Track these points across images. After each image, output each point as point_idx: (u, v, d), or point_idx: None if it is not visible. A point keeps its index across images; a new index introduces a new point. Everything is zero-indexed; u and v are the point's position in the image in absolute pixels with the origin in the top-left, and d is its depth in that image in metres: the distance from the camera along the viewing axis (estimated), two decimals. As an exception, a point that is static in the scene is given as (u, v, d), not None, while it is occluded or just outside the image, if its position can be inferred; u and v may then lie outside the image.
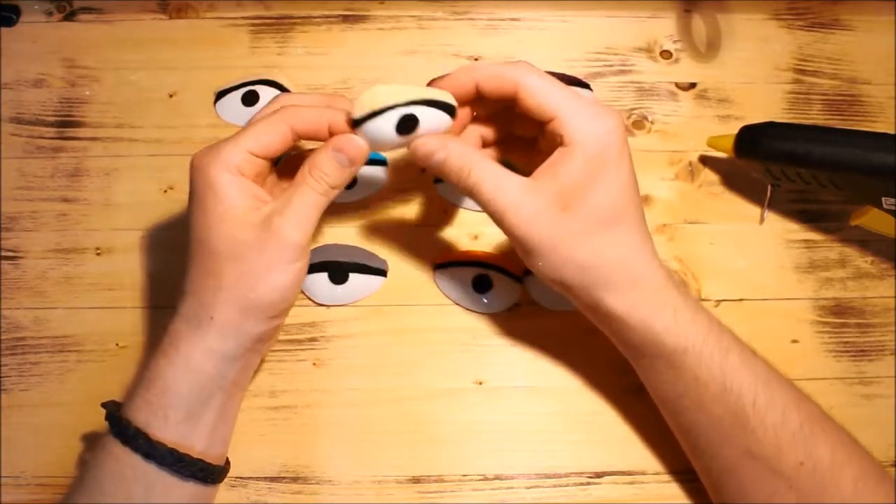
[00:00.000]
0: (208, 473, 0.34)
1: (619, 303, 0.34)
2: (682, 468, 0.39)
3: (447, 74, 0.35)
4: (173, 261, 0.42)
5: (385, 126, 0.33)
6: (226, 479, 0.38)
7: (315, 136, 0.34)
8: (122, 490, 0.32)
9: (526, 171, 0.34)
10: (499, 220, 0.34)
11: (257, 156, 0.34)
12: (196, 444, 0.33)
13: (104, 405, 0.34)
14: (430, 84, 0.35)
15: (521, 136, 0.39)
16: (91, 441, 0.39)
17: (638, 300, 0.34)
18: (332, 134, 0.34)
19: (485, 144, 0.39)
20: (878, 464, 0.35)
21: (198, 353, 0.33)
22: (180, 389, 0.33)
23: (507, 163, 0.36)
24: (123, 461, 0.32)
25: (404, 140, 0.34)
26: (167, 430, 0.32)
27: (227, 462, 0.36)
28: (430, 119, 0.34)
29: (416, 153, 0.35)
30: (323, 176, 0.34)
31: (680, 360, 0.34)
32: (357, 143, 0.34)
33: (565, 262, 0.34)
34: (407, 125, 0.34)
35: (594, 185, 0.33)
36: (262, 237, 0.33)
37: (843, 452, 0.33)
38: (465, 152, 0.34)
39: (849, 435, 0.35)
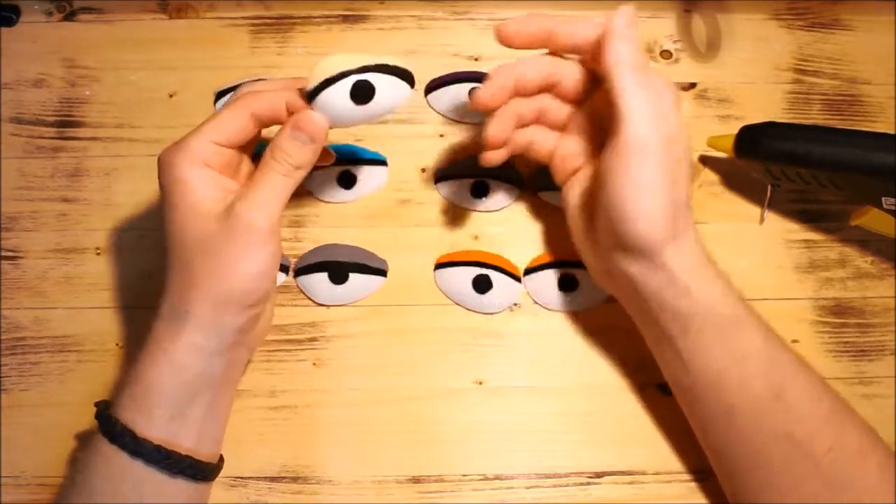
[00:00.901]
0: (198, 471, 0.34)
1: (683, 261, 0.34)
2: (682, 468, 0.39)
3: (511, 22, 0.35)
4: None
5: (338, 96, 0.32)
6: (226, 479, 0.38)
7: (276, 119, 0.34)
8: (112, 489, 0.32)
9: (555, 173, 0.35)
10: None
11: (222, 145, 0.34)
12: (184, 441, 0.33)
13: (96, 404, 0.34)
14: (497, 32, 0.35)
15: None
16: (84, 441, 0.39)
17: (695, 263, 0.34)
18: (290, 114, 0.34)
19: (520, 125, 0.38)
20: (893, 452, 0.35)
21: (179, 349, 0.33)
22: (164, 387, 0.33)
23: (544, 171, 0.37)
24: (112, 460, 0.32)
25: (363, 111, 0.33)
26: (153, 427, 0.32)
27: (221, 460, 0.36)
28: (386, 87, 0.33)
29: (487, 101, 0.36)
30: (284, 156, 0.33)
31: (733, 330, 0.34)
32: (313, 118, 0.33)
33: (663, 210, 0.34)
34: (362, 93, 0.33)
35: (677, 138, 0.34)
36: (226, 225, 0.32)
37: (870, 439, 0.34)
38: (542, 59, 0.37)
39: (867, 423, 0.35)
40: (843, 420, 0.33)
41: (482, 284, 0.42)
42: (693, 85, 0.47)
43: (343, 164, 0.44)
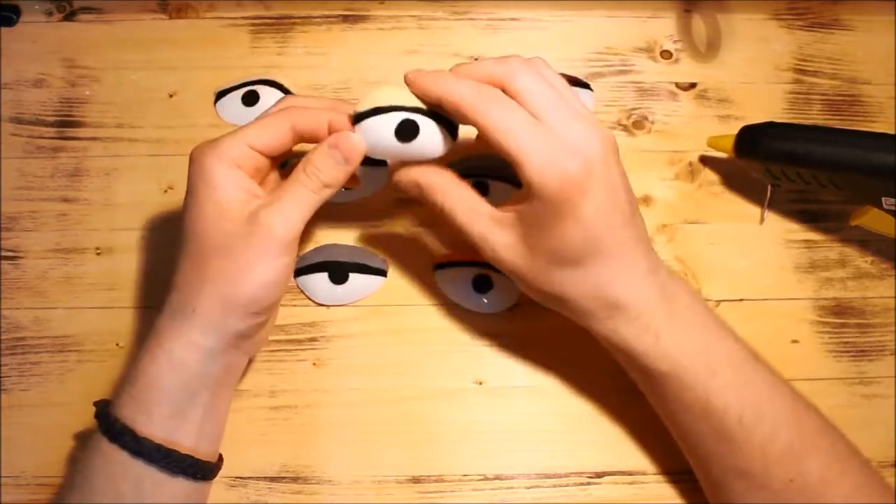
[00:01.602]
0: (198, 470, 0.34)
1: (598, 327, 0.34)
2: (681, 468, 0.39)
3: (422, 72, 0.34)
4: (173, 261, 0.42)
5: (385, 126, 0.33)
6: (226, 479, 0.38)
7: (316, 136, 0.35)
8: (112, 487, 0.32)
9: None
10: (475, 246, 0.35)
11: (257, 150, 0.34)
12: (184, 440, 0.33)
13: (96, 404, 0.34)
14: (405, 75, 0.34)
15: None
16: (83, 440, 0.39)
17: (616, 326, 0.34)
18: (331, 132, 0.34)
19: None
20: (878, 475, 0.35)
21: (180, 346, 0.33)
22: (164, 385, 0.33)
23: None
24: (112, 458, 0.32)
25: (400, 149, 0.34)
26: (153, 426, 0.32)
27: (220, 459, 0.36)
28: (430, 133, 0.34)
29: (397, 184, 0.36)
30: (316, 171, 0.33)
31: (662, 383, 0.34)
32: (353, 141, 0.34)
33: (538, 292, 0.35)
34: (407, 132, 0.33)
35: (554, 232, 0.32)
36: (247, 230, 0.32)
37: (837, 468, 0.33)
38: (439, 184, 0.35)
39: (847, 447, 0.34)
40: (803, 452, 0.33)
41: (482, 284, 0.42)
42: (693, 85, 0.47)
43: (343, 164, 0.44)
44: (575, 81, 0.47)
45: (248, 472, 0.39)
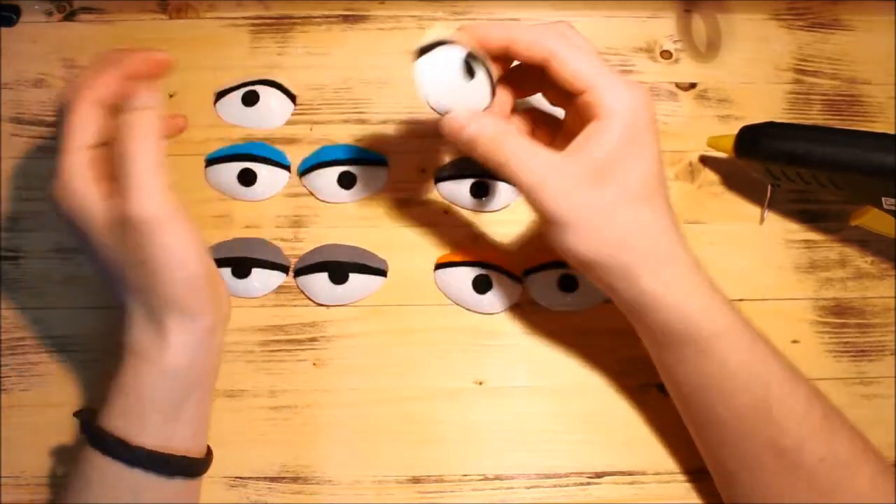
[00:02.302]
0: (194, 468, 0.34)
1: (654, 282, 0.33)
2: (682, 468, 0.39)
3: (481, 25, 0.34)
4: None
5: (451, 59, 0.33)
6: (226, 479, 0.38)
7: (116, 94, 0.32)
8: (110, 498, 0.32)
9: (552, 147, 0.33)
10: (530, 197, 0.33)
11: (91, 147, 0.31)
12: (179, 442, 0.34)
13: (76, 414, 0.34)
14: (460, 30, 0.34)
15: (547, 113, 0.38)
16: (73, 452, 0.39)
17: (673, 279, 0.33)
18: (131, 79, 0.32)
19: (513, 111, 0.38)
20: (888, 461, 0.35)
21: (166, 357, 0.33)
22: (156, 394, 0.33)
23: None
24: (107, 471, 0.32)
25: (460, 85, 0.34)
26: (147, 435, 0.32)
27: (210, 452, 0.36)
28: (482, 79, 0.34)
29: (445, 128, 0.34)
30: (140, 128, 0.31)
31: (713, 345, 0.33)
32: (157, 56, 0.33)
33: (601, 237, 0.32)
34: (468, 69, 0.34)
35: (629, 159, 0.32)
36: (128, 235, 0.31)
37: (861, 448, 0.33)
38: (494, 128, 0.33)
39: (862, 433, 0.34)
40: (833, 430, 0.33)
41: (482, 284, 0.42)
42: (693, 85, 0.47)
43: (343, 164, 0.44)
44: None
45: (248, 472, 0.39)
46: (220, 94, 0.46)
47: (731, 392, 0.34)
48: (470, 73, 0.34)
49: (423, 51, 0.33)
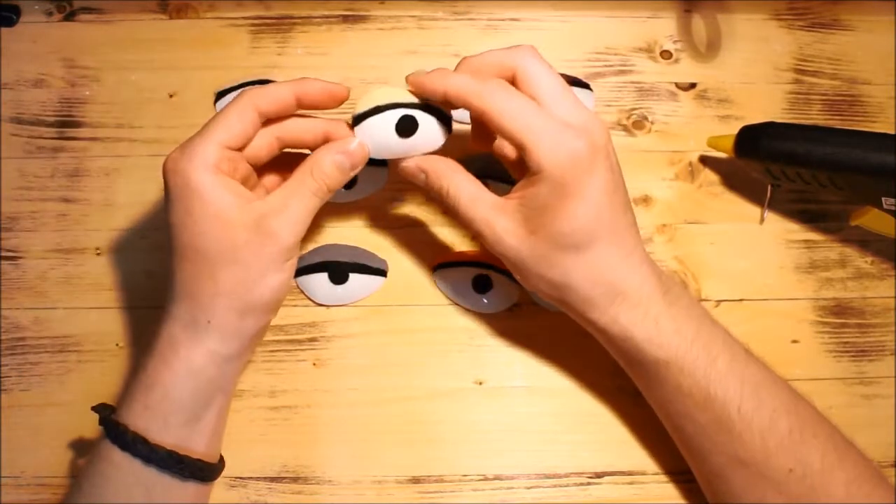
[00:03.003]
0: (207, 472, 0.34)
1: (598, 316, 0.34)
2: (681, 468, 0.39)
3: (420, 77, 0.34)
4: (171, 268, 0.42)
5: (385, 124, 0.34)
6: (226, 479, 0.38)
7: (283, 111, 0.35)
8: (123, 494, 0.32)
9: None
10: (477, 235, 0.35)
11: (231, 148, 0.33)
12: (196, 445, 0.34)
13: (95, 409, 0.34)
14: (407, 77, 0.35)
15: None
16: (84, 446, 0.39)
17: (618, 313, 0.34)
18: (326, 140, 0.35)
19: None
20: (874, 466, 0.35)
21: (198, 356, 0.33)
22: (181, 394, 0.33)
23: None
24: (122, 466, 0.32)
25: (401, 144, 0.35)
26: (167, 434, 0.32)
27: (222, 459, 0.36)
28: (429, 126, 0.35)
29: (403, 172, 0.36)
30: (323, 177, 0.34)
31: (662, 371, 0.34)
32: (364, 148, 0.35)
33: (538, 280, 0.34)
34: (407, 127, 0.34)
35: (557, 213, 0.32)
36: (257, 240, 0.32)
37: (835, 457, 0.33)
38: (444, 171, 0.35)
39: (843, 438, 0.35)
40: (803, 441, 0.33)
41: (482, 284, 0.42)
42: (693, 85, 0.47)
43: (343, 164, 0.44)
44: (575, 81, 0.47)
45: (248, 472, 0.39)
46: (220, 94, 0.46)
47: (689, 410, 0.35)
48: (410, 130, 0.35)
49: (359, 119, 0.34)
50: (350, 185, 0.44)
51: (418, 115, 0.35)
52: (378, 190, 0.44)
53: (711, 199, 0.45)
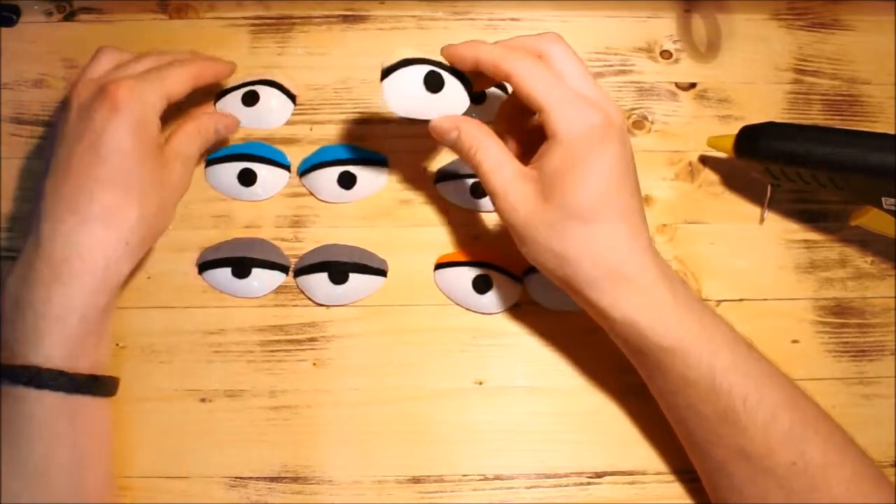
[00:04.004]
0: (115, 384, 0.38)
1: (600, 297, 0.34)
2: (682, 468, 0.39)
3: (453, 46, 0.36)
4: (174, 261, 0.42)
5: (414, 76, 0.36)
6: (226, 479, 0.39)
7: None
8: (46, 431, 0.34)
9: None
10: (492, 201, 0.36)
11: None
12: (104, 358, 0.37)
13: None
14: (441, 49, 0.37)
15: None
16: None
17: (620, 297, 0.34)
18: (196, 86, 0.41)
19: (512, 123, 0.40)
20: (875, 465, 0.35)
21: (114, 270, 0.36)
22: (91, 313, 0.35)
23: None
24: (40, 404, 0.33)
25: (427, 98, 0.36)
26: (85, 358, 0.35)
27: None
28: (454, 87, 0.37)
29: (434, 130, 0.37)
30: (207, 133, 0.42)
31: (667, 360, 0.34)
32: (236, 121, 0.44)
33: (544, 250, 0.35)
34: (434, 82, 0.36)
35: (570, 180, 0.33)
36: (155, 159, 0.38)
37: (836, 453, 0.33)
38: (475, 132, 0.36)
39: (844, 435, 0.35)
40: (805, 437, 0.33)
41: (482, 284, 0.42)
42: (693, 85, 0.47)
43: (343, 164, 0.44)
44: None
45: (248, 472, 0.39)
46: (220, 94, 0.46)
47: (693, 401, 0.34)
48: (437, 86, 0.36)
49: (388, 71, 0.36)
50: (350, 185, 0.44)
51: (445, 74, 0.36)
52: (378, 190, 0.44)
53: (711, 199, 0.45)
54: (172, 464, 0.39)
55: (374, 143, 0.45)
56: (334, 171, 0.44)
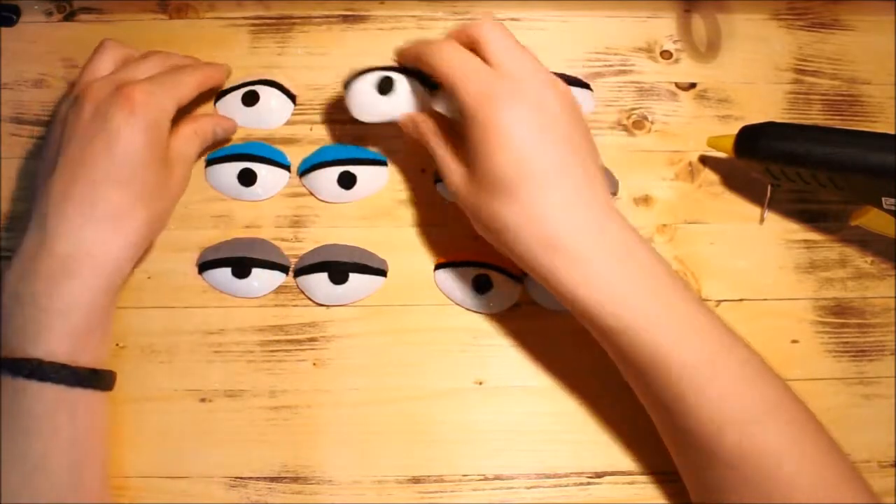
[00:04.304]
0: (113, 379, 0.38)
1: (535, 268, 0.34)
2: (682, 468, 0.39)
3: (399, 48, 0.40)
4: (174, 261, 0.42)
5: (366, 85, 0.40)
6: (226, 479, 0.39)
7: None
8: (47, 423, 0.34)
9: None
10: (448, 185, 0.38)
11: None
12: (104, 355, 0.37)
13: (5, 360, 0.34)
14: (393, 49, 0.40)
15: None
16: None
17: (553, 267, 0.33)
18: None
19: None
20: (835, 447, 0.33)
21: (119, 267, 0.37)
22: (100, 314, 0.36)
23: None
24: (45, 396, 0.33)
25: (384, 102, 0.40)
26: (86, 353, 0.35)
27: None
28: (406, 86, 0.40)
29: (401, 123, 0.40)
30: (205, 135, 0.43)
31: (609, 337, 0.33)
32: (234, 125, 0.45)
33: (483, 228, 0.36)
34: (385, 86, 0.40)
35: (483, 153, 0.34)
36: (162, 163, 0.39)
37: (793, 431, 0.32)
38: (430, 127, 0.39)
39: (805, 415, 0.33)
40: (757, 415, 0.32)
41: (482, 284, 0.42)
42: (693, 85, 0.47)
43: (343, 164, 0.44)
44: (575, 81, 0.47)
45: (248, 472, 0.39)
46: (220, 94, 0.46)
47: (639, 380, 0.34)
48: (388, 89, 0.40)
49: (346, 84, 0.41)
50: (350, 185, 0.44)
51: (396, 76, 0.40)
52: (378, 190, 0.44)
53: (711, 199, 0.45)
54: (172, 464, 0.39)
55: (374, 143, 0.45)
56: (334, 171, 0.44)
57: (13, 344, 0.34)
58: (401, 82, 0.40)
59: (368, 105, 0.40)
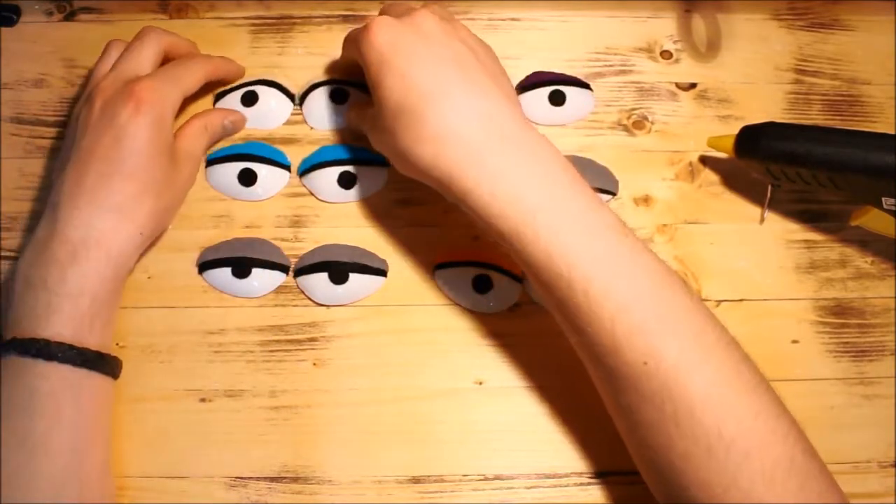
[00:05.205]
0: (120, 365, 0.38)
1: (446, 181, 0.34)
2: (682, 468, 0.39)
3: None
4: (174, 261, 0.42)
5: (322, 96, 0.45)
6: (226, 479, 0.39)
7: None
8: (51, 403, 0.34)
9: None
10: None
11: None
12: (108, 340, 0.38)
13: (8, 342, 0.35)
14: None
15: None
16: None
17: (439, 152, 0.34)
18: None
19: None
20: (750, 365, 0.32)
21: (125, 252, 0.38)
22: (107, 295, 0.37)
23: None
24: (50, 375, 0.34)
25: (334, 108, 0.45)
26: (92, 336, 0.36)
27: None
28: (357, 93, 0.45)
29: (347, 122, 0.45)
30: (214, 129, 0.44)
31: (507, 238, 0.33)
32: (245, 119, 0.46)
33: (399, 163, 0.37)
34: (339, 97, 0.45)
35: (376, 92, 0.37)
36: (169, 156, 0.40)
37: (699, 353, 0.31)
38: (354, 107, 0.44)
39: (721, 338, 0.32)
40: (662, 332, 0.31)
41: (482, 284, 0.42)
42: (693, 85, 0.47)
43: (343, 164, 0.44)
44: (575, 81, 0.47)
45: (248, 472, 0.39)
46: (220, 95, 0.46)
47: (543, 289, 0.34)
48: (343, 98, 0.45)
49: (301, 98, 0.45)
50: (350, 185, 0.44)
51: (347, 88, 0.45)
52: (378, 190, 0.44)
53: (711, 199, 0.45)
54: (172, 464, 0.39)
55: (374, 143, 0.45)
56: (334, 171, 0.44)
57: (23, 325, 0.35)
58: (353, 91, 0.44)
59: (327, 115, 0.45)
